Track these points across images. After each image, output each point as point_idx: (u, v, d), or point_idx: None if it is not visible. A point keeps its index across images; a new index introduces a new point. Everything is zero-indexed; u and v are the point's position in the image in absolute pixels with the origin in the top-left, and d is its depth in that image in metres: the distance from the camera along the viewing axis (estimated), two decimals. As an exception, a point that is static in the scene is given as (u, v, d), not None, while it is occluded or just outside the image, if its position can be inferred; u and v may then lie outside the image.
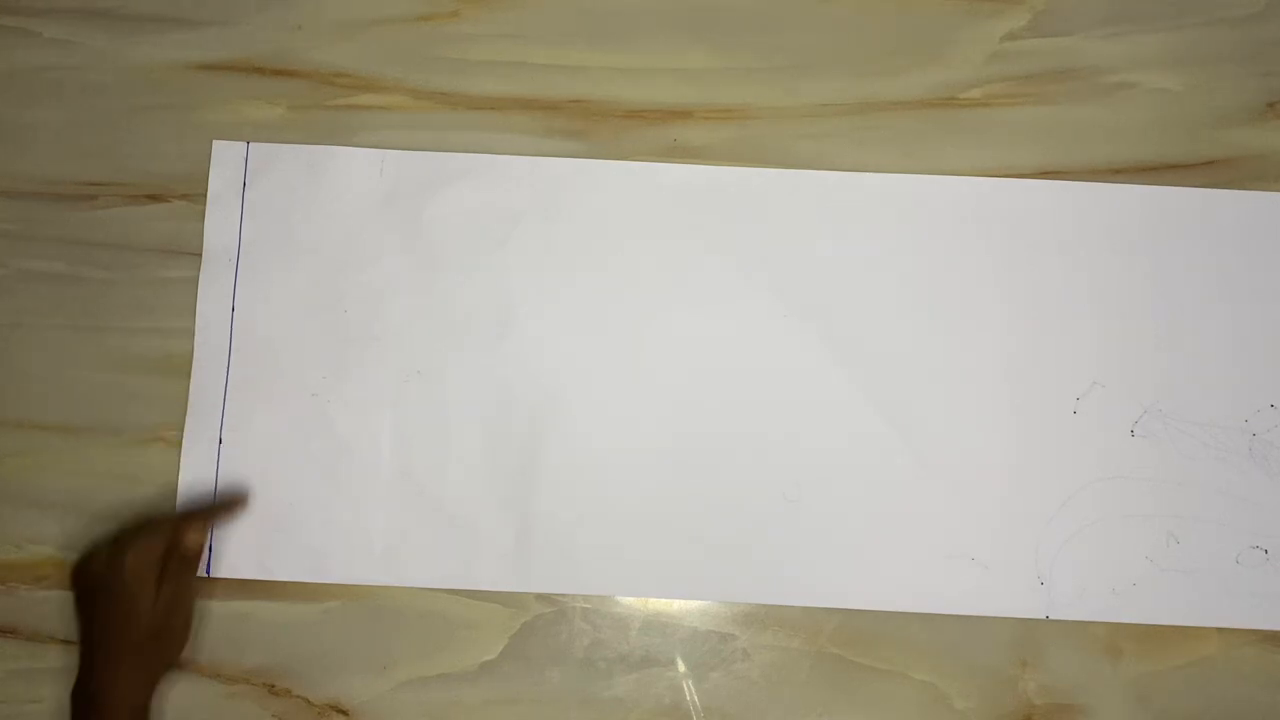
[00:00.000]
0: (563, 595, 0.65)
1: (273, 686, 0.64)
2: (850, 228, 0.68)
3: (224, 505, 0.64)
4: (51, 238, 0.67)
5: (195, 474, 0.65)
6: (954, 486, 0.65)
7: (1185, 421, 0.66)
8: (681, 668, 0.64)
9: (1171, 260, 0.68)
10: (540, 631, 0.64)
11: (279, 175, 0.67)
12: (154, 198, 0.68)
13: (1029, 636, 0.65)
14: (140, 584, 0.58)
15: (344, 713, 0.64)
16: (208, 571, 0.64)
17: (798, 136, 0.69)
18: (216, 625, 0.64)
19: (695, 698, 0.64)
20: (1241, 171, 0.69)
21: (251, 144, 0.68)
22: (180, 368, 0.66)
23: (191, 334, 0.66)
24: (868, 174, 0.68)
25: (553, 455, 0.65)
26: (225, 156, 0.68)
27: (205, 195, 0.67)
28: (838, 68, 0.69)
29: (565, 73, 0.69)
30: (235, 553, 0.64)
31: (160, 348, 0.66)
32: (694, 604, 0.65)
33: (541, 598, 0.65)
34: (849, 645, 0.64)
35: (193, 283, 0.67)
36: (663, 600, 0.65)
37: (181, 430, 0.65)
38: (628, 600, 0.65)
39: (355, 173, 0.68)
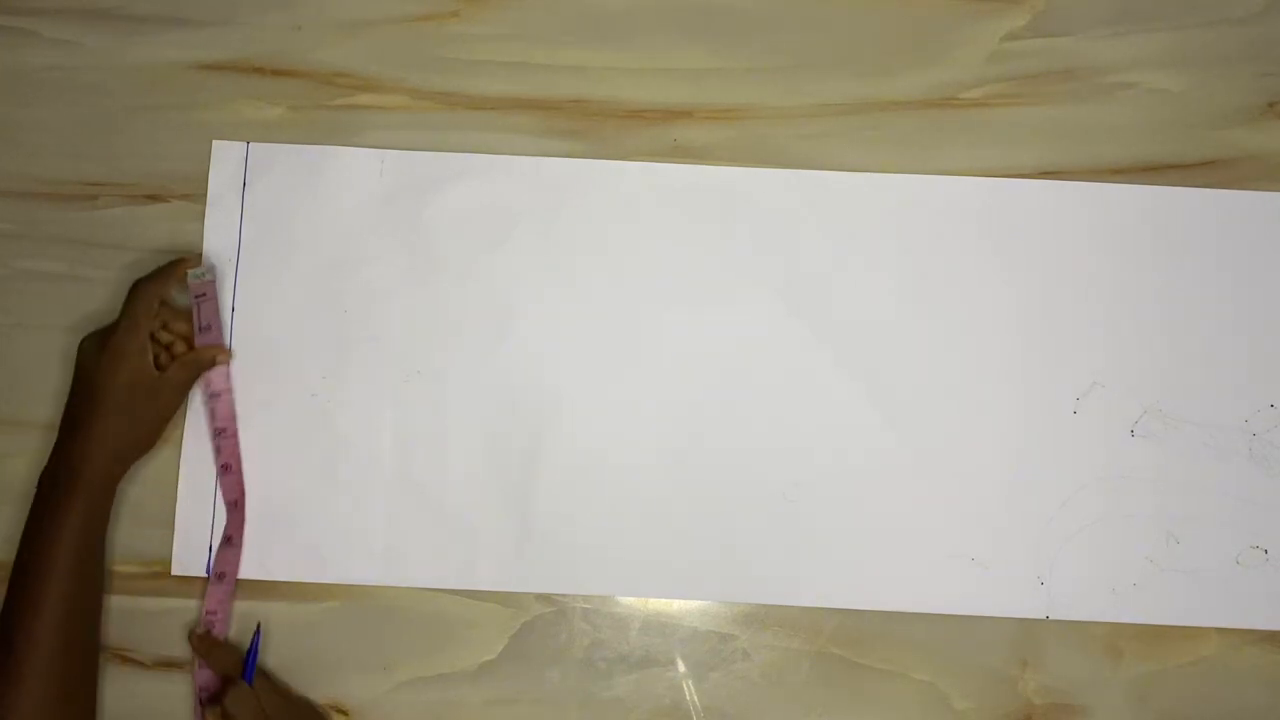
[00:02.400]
0: (563, 595, 0.65)
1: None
2: (850, 228, 0.68)
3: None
4: (51, 238, 0.67)
5: (195, 474, 0.65)
6: (954, 486, 0.65)
7: (1185, 421, 0.66)
8: (681, 668, 0.64)
9: (1171, 260, 0.68)
10: (540, 631, 0.64)
11: (279, 175, 0.67)
12: (154, 198, 0.68)
13: (1029, 636, 0.65)
14: (126, 363, 0.60)
15: (344, 713, 0.63)
16: (208, 572, 0.64)
17: (798, 136, 0.69)
18: (216, 625, 0.64)
19: (695, 698, 0.64)
20: (1241, 171, 0.69)
21: (251, 144, 0.68)
22: (180, 368, 0.66)
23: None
24: (868, 174, 0.68)
25: (552, 455, 0.65)
26: (225, 156, 0.68)
27: (205, 195, 0.67)
28: (838, 68, 0.69)
29: (565, 73, 0.69)
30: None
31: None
32: (694, 604, 0.65)
33: (541, 598, 0.65)
34: (849, 645, 0.64)
35: (193, 283, 0.67)
36: (663, 600, 0.65)
37: (181, 430, 0.65)
38: (628, 600, 0.65)
39: (355, 173, 0.68)
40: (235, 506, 0.64)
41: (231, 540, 0.64)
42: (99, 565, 0.60)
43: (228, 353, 0.65)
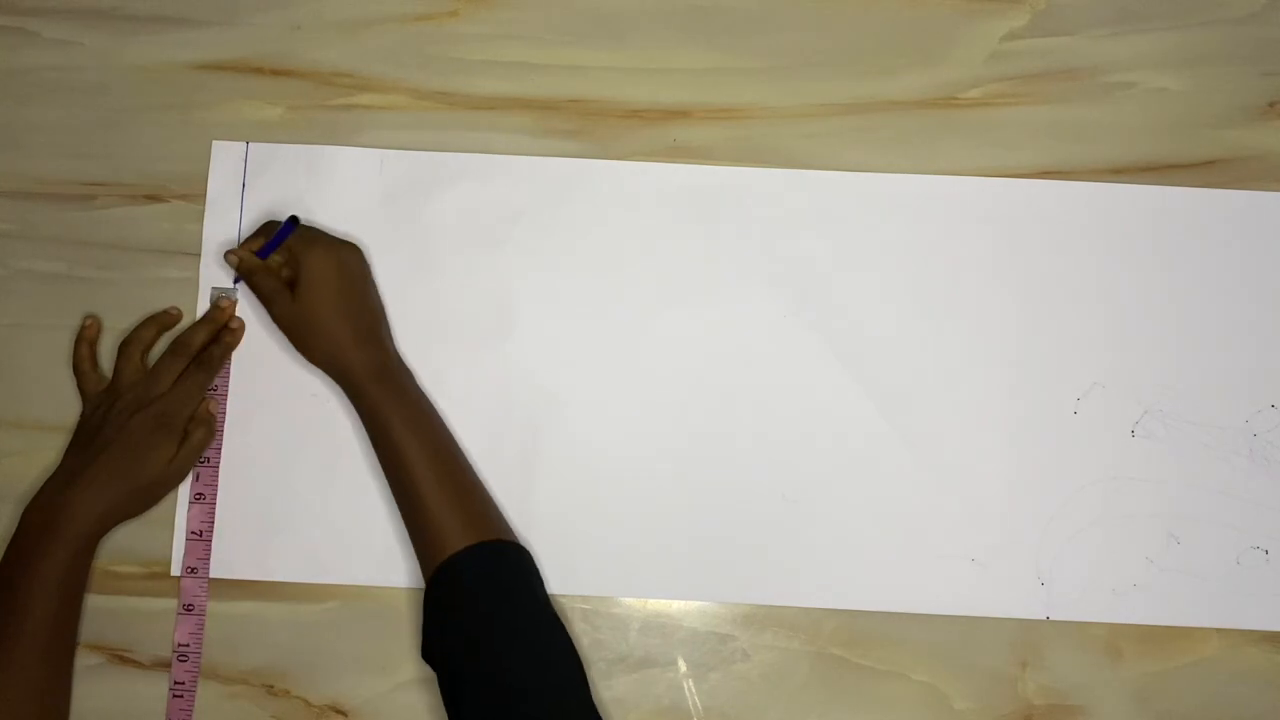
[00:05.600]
0: (563, 595, 0.65)
1: (272, 687, 0.64)
2: (850, 228, 0.68)
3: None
4: (51, 238, 0.67)
5: (195, 473, 0.65)
6: (954, 486, 0.65)
7: (1185, 421, 0.66)
8: (682, 668, 0.64)
9: (1171, 260, 0.67)
10: (540, 632, 0.64)
11: (279, 175, 0.67)
12: (153, 198, 0.68)
13: (1029, 637, 0.65)
14: (158, 440, 0.60)
15: (343, 713, 0.63)
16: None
17: (798, 136, 0.69)
18: (216, 625, 0.64)
19: (695, 698, 0.64)
20: (1241, 171, 0.69)
21: (251, 144, 0.68)
22: (180, 368, 0.66)
23: (191, 334, 0.66)
24: (868, 174, 0.68)
25: (552, 455, 0.65)
26: (225, 156, 0.68)
27: (204, 195, 0.67)
28: (838, 68, 0.69)
29: (565, 73, 0.69)
30: (235, 553, 0.64)
31: (160, 348, 0.66)
32: (694, 604, 0.65)
33: (541, 598, 0.65)
34: (849, 645, 0.64)
35: (193, 283, 0.67)
36: (663, 600, 0.65)
37: (181, 430, 0.65)
38: (628, 600, 0.65)
39: (355, 173, 0.68)
40: (200, 537, 0.64)
41: (196, 571, 0.64)
42: (75, 616, 0.59)
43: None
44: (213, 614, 0.64)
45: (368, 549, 0.64)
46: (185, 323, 0.66)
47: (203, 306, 0.66)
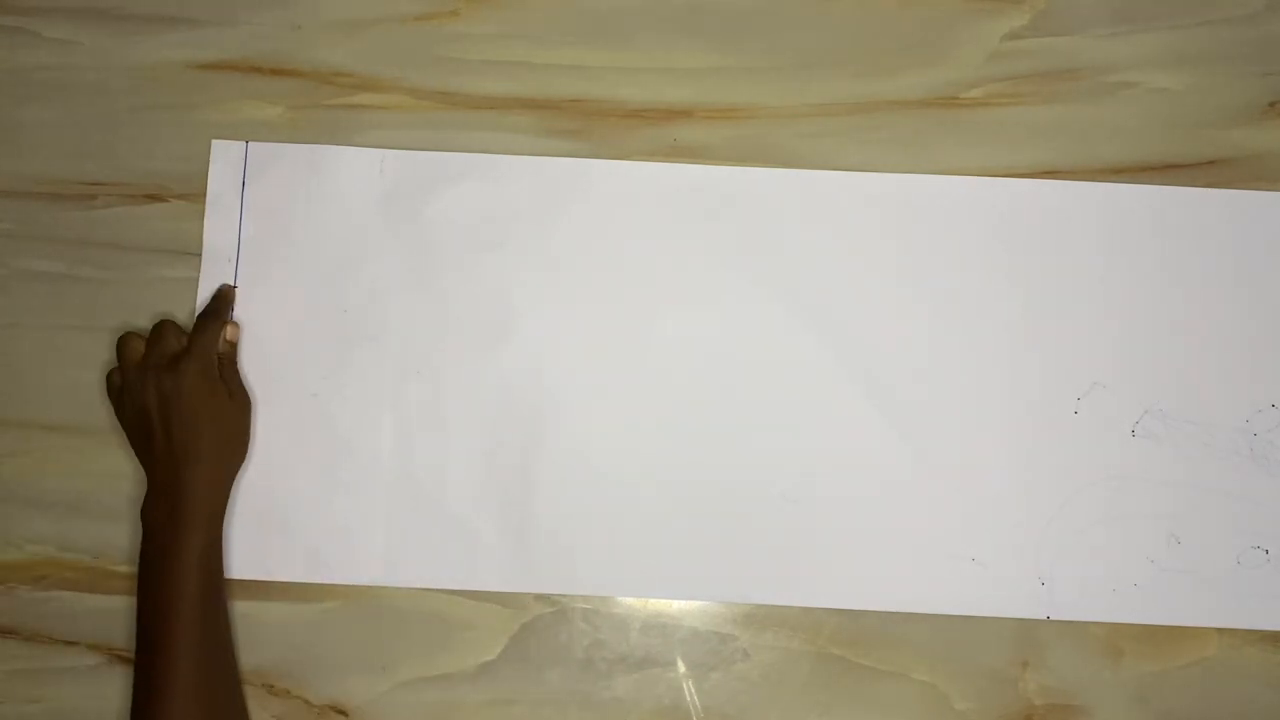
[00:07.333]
0: (563, 595, 0.65)
1: (272, 687, 0.64)
2: (850, 228, 0.68)
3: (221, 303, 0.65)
4: (50, 237, 0.67)
5: (195, 474, 0.65)
6: (954, 486, 0.65)
7: (1186, 421, 0.66)
8: (681, 668, 0.64)
9: (1172, 260, 0.68)
10: (540, 632, 0.64)
11: (279, 175, 0.67)
12: (153, 197, 0.68)
13: (1029, 637, 0.65)
14: (211, 387, 0.61)
15: (343, 713, 0.63)
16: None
17: (798, 136, 0.69)
18: (216, 625, 0.64)
19: (695, 698, 0.64)
20: (1241, 171, 0.69)
21: (251, 144, 0.68)
22: (180, 368, 0.66)
23: (191, 334, 0.66)
24: (868, 174, 0.68)
25: (552, 455, 0.65)
26: (225, 156, 0.68)
27: (205, 195, 0.67)
28: (838, 68, 0.69)
29: (565, 73, 0.69)
30: (235, 553, 0.64)
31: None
32: (694, 604, 0.65)
33: (541, 598, 0.65)
34: (849, 645, 0.64)
35: (193, 283, 0.67)
36: (663, 600, 0.65)
37: (181, 430, 0.65)
38: (628, 600, 0.65)
39: (355, 172, 0.68)
40: None
41: None
42: (225, 593, 0.61)
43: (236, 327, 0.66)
44: (213, 614, 0.64)
45: (368, 549, 0.64)
46: (184, 321, 0.66)
47: (202, 306, 0.66)
